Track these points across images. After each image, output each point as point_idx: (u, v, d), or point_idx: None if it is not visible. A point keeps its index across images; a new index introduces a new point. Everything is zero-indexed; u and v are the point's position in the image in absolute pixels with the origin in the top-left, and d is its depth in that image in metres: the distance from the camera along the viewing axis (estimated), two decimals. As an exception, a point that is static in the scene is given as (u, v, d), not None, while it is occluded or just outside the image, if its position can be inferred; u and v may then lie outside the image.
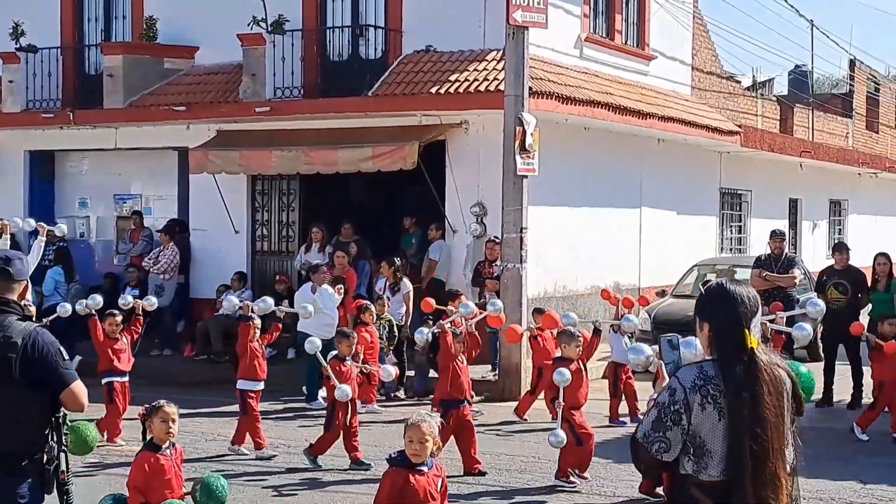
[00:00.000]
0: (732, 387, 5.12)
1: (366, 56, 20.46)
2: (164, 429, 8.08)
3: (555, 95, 18.51)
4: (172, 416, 8.11)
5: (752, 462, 5.09)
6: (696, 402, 5.13)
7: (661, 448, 5.18)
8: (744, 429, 5.09)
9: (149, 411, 8.14)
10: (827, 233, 34.60)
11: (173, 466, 8.14)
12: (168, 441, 8.13)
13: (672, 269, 22.43)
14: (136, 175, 22.88)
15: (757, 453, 5.09)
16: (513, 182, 16.79)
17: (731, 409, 5.11)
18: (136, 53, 21.65)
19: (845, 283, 16.35)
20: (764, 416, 5.11)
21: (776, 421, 5.14)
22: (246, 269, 20.98)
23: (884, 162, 37.94)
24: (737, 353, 5.19)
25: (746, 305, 5.26)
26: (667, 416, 5.17)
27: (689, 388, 5.16)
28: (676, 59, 25.48)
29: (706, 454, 5.14)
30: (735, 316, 5.24)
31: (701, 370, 5.21)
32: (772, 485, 5.12)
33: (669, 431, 5.15)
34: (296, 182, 21.17)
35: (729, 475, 5.11)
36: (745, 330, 5.21)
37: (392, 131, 19.04)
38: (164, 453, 8.10)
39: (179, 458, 8.31)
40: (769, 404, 5.13)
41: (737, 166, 27.33)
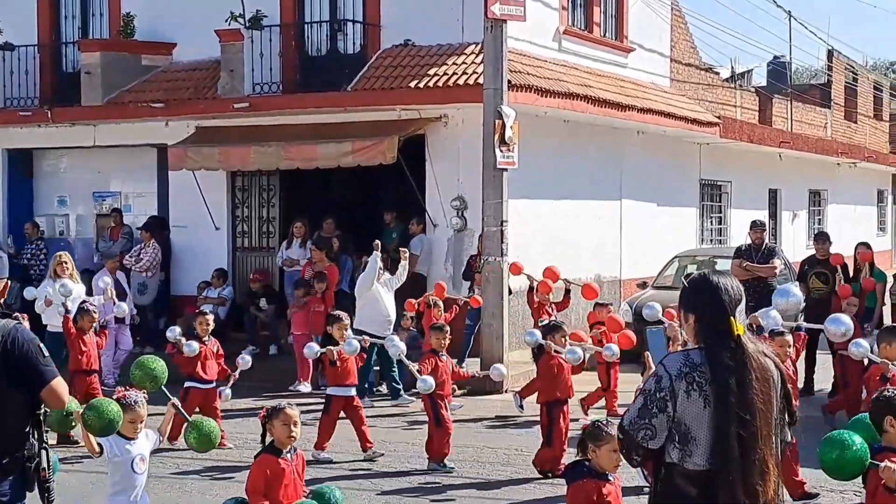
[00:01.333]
0: (719, 373, 5.17)
1: (344, 51, 20.43)
2: (286, 432, 7.73)
3: (534, 88, 18.52)
4: (294, 419, 7.76)
5: (739, 449, 5.12)
6: (682, 389, 5.18)
7: (647, 435, 5.23)
8: (730, 415, 5.13)
9: (270, 413, 7.82)
10: (807, 223, 34.73)
11: (293, 472, 7.75)
12: (290, 445, 7.78)
13: (653, 260, 22.49)
14: (115, 172, 22.80)
15: (745, 439, 5.13)
16: (493, 175, 16.79)
17: (717, 396, 5.15)
18: (113, 50, 21.58)
19: (827, 273, 16.42)
20: (752, 401, 5.15)
21: (764, 408, 5.18)
22: (227, 265, 20.94)
23: (862, 152, 38.09)
24: (723, 341, 5.24)
25: (730, 294, 5.33)
26: (652, 403, 5.21)
27: (675, 375, 5.20)
28: (655, 51, 25.51)
29: (691, 441, 5.18)
30: (719, 304, 5.30)
31: (687, 357, 5.25)
32: (760, 472, 5.16)
33: (655, 419, 5.20)
34: (275, 178, 21.14)
35: (714, 463, 5.15)
36: (730, 317, 5.26)
37: (371, 126, 19.02)
38: (286, 458, 7.73)
39: (300, 464, 7.91)
40: (757, 390, 5.18)
41: (716, 157, 27.39)
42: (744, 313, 5.37)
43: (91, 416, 7.03)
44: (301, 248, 19.52)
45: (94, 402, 7.19)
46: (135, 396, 7.88)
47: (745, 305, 5.41)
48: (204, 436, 7.88)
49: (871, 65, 70.20)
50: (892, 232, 44.86)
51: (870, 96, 44.58)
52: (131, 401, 7.81)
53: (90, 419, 7.04)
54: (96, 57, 21.35)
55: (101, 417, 7.06)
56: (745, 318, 5.39)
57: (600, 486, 6.84)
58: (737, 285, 5.41)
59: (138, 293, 19.92)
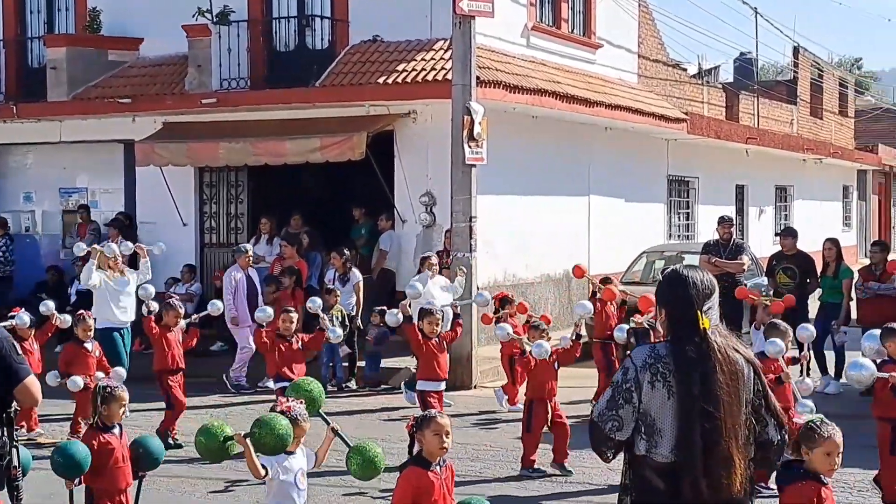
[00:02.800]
0: (682, 365, 5.22)
1: (312, 46, 20.39)
2: (438, 443, 6.98)
3: (502, 84, 18.52)
4: (446, 429, 7.06)
5: (703, 441, 5.16)
6: (646, 380, 5.24)
7: (614, 426, 5.29)
8: (694, 407, 5.17)
9: (419, 423, 7.12)
10: (773, 218, 34.90)
11: (442, 486, 7.06)
12: (440, 457, 7.04)
13: (621, 256, 22.52)
14: (81, 168, 22.67)
15: (709, 431, 5.16)
16: (461, 171, 16.78)
17: (680, 388, 5.21)
18: (79, 45, 21.45)
19: (794, 268, 16.49)
20: (716, 394, 5.19)
21: (729, 400, 5.21)
22: (195, 261, 20.87)
23: (828, 148, 38.30)
24: (689, 333, 5.28)
25: (698, 288, 5.36)
26: (619, 394, 5.29)
27: (640, 366, 5.27)
28: (623, 47, 25.57)
29: (656, 433, 5.23)
30: (686, 297, 5.34)
31: (653, 349, 5.32)
32: (725, 464, 5.18)
33: (621, 409, 5.27)
34: (244, 174, 21.08)
35: (679, 455, 5.19)
36: (696, 311, 5.30)
37: (340, 122, 18.98)
38: (434, 470, 7.00)
39: (450, 477, 7.19)
40: (722, 383, 5.21)
41: (684, 153, 27.48)
42: (716, 307, 5.38)
43: (263, 434, 6.89)
44: (268, 245, 19.48)
45: (263, 419, 7.04)
46: (300, 410, 7.51)
47: (717, 299, 5.40)
48: (367, 461, 7.54)
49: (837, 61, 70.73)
50: (857, 227, 45.13)
51: (835, 93, 44.85)
52: (296, 415, 7.42)
53: (263, 437, 6.90)
54: (62, 52, 21.23)
55: (273, 433, 6.90)
56: (715, 313, 5.39)
57: (819, 489, 6.41)
58: (708, 279, 5.43)
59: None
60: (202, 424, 7.31)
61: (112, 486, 8.00)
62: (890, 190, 52.08)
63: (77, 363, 13.08)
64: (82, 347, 13.25)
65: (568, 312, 21.90)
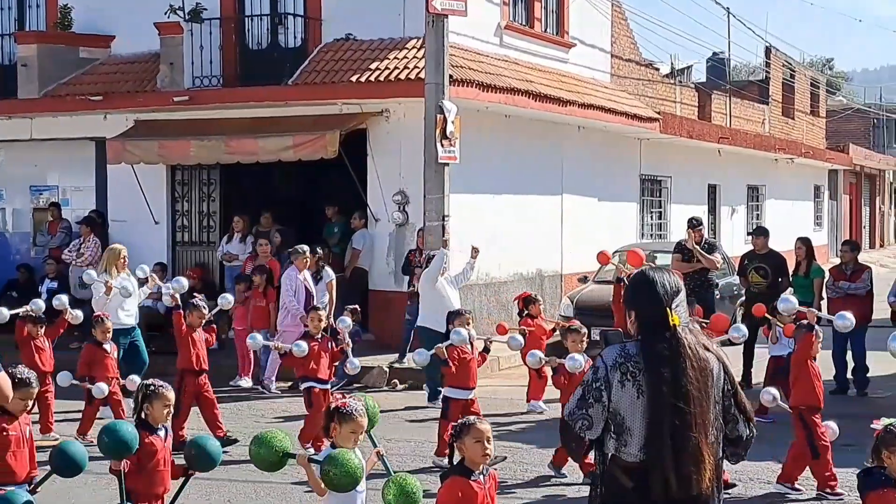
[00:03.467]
0: (652, 363, 5.26)
1: (285, 44, 20.34)
2: (480, 450, 6.73)
3: (475, 83, 18.53)
4: (487, 435, 6.80)
5: (672, 437, 5.19)
6: (616, 378, 5.29)
7: (584, 425, 5.34)
8: (664, 404, 5.21)
9: (458, 430, 6.80)
10: (745, 218, 35.03)
11: (486, 496, 6.76)
12: (482, 465, 6.78)
13: (593, 255, 22.45)
14: (52, 166, 22.55)
15: (679, 428, 5.20)
16: (434, 170, 16.79)
17: (649, 385, 5.24)
18: (50, 43, 21.35)
19: (766, 267, 16.56)
20: (686, 390, 5.23)
21: (699, 395, 5.25)
22: (166, 259, 20.79)
23: (799, 147, 38.48)
24: (659, 332, 5.32)
25: (665, 287, 5.42)
26: (589, 393, 5.34)
27: (611, 365, 5.32)
28: (596, 46, 25.61)
29: (626, 431, 5.27)
30: (654, 296, 5.39)
31: (623, 348, 5.37)
32: (694, 459, 5.22)
33: (591, 408, 5.32)
34: (216, 172, 21.02)
35: (648, 453, 5.22)
36: (665, 308, 5.35)
37: (313, 120, 18.95)
38: (478, 479, 6.70)
39: (493, 485, 6.88)
40: (692, 378, 5.25)
41: (656, 153, 27.55)
42: (684, 306, 5.43)
43: (337, 475, 6.53)
44: (241, 243, 19.43)
45: (336, 456, 6.64)
46: (355, 405, 7.15)
47: (684, 298, 5.45)
48: (405, 494, 6.94)
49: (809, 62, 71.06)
50: (828, 227, 45.35)
51: (807, 93, 45.07)
52: (351, 410, 7.09)
53: (336, 478, 6.54)
54: (33, 49, 21.11)
55: (348, 474, 6.54)
56: (684, 310, 5.46)
57: None
58: (674, 280, 5.50)
59: (79, 287, 19.70)
60: (259, 434, 6.97)
61: (150, 489, 7.59)
62: (861, 190, 52.39)
63: (97, 365, 12.90)
64: (101, 349, 13.09)
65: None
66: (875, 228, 55.52)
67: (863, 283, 16.18)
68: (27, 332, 13.33)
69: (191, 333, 12.79)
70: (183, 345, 12.77)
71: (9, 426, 7.54)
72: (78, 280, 19.75)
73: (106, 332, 13.18)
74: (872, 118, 59.19)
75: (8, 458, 7.50)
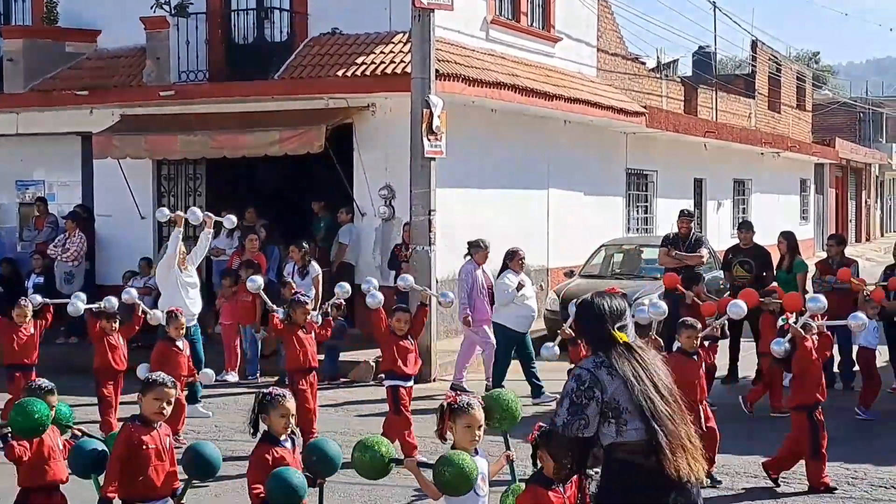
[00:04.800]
0: (621, 364, 5.55)
1: (272, 39, 20.33)
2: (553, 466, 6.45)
3: (461, 77, 18.54)
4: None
5: (664, 423, 5.46)
6: (604, 374, 5.52)
7: (581, 425, 5.50)
8: (647, 387, 5.49)
9: (542, 437, 6.55)
10: (731, 212, 35.08)
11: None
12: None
13: (580, 249, 22.61)
14: (38, 161, 22.51)
15: (668, 413, 5.51)
16: (420, 164, 16.79)
17: (629, 380, 5.50)
18: (36, 37, 21.31)
19: (750, 262, 16.59)
20: (660, 382, 5.56)
21: (672, 387, 5.61)
22: (152, 255, 20.76)
23: (785, 141, 38.54)
24: (612, 348, 5.60)
25: (607, 309, 5.69)
26: (579, 397, 5.52)
27: (593, 367, 5.57)
28: (582, 40, 25.64)
29: (624, 411, 5.48)
30: (598, 318, 5.69)
31: (596, 356, 5.62)
32: (689, 444, 5.52)
33: (588, 409, 5.50)
34: (202, 167, 21.00)
35: (649, 431, 5.44)
36: (608, 327, 5.63)
37: (299, 115, 18.94)
38: (557, 489, 6.41)
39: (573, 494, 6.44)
40: (662, 374, 5.61)
41: (642, 147, 27.59)
42: (630, 326, 5.70)
43: (451, 474, 6.26)
44: (228, 238, 19.41)
45: (449, 456, 6.34)
46: (466, 398, 6.72)
47: (630, 320, 5.75)
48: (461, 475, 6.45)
49: (795, 55, 71.18)
50: (814, 221, 45.45)
51: (793, 87, 45.14)
52: (463, 403, 6.65)
53: (450, 478, 6.27)
54: (19, 44, 21.07)
55: (462, 474, 6.24)
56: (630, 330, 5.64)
57: None
58: (617, 303, 5.75)
59: (65, 282, 19.74)
60: (363, 440, 6.72)
61: None
62: (847, 184, 52.50)
63: (169, 363, 12.07)
64: (174, 346, 12.62)
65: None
66: (861, 222, 55.67)
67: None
68: (100, 328, 12.90)
69: (295, 331, 12.21)
70: (288, 344, 12.30)
71: (147, 439, 7.12)
72: (63, 275, 19.77)
73: (179, 329, 12.67)
74: (858, 112, 59.33)
75: (150, 472, 7.11)
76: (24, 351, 13.16)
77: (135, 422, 7.18)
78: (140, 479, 7.07)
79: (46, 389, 7.65)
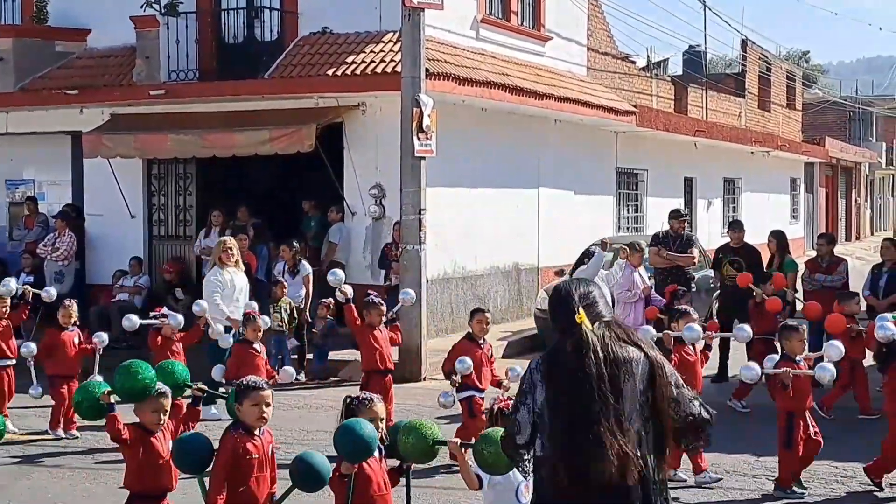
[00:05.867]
0: (555, 358, 5.28)
1: (262, 38, 20.32)
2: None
3: (451, 77, 18.55)
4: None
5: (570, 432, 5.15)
6: (538, 379, 5.30)
7: (515, 430, 5.34)
8: (562, 400, 5.20)
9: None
10: (721, 211, 35.13)
11: None
12: None
13: (570, 248, 22.58)
14: (28, 160, 22.49)
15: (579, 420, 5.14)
16: (411, 164, 16.80)
17: (552, 382, 5.25)
18: (26, 37, 21.29)
19: (740, 261, 16.61)
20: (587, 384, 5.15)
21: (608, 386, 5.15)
22: (143, 254, 20.77)
23: (775, 140, 38.60)
24: (569, 330, 5.30)
25: (571, 292, 5.42)
26: (518, 398, 5.38)
27: (534, 367, 5.36)
28: (572, 39, 25.66)
29: (545, 428, 5.27)
30: (562, 301, 5.41)
31: (545, 351, 5.42)
32: (592, 454, 5.10)
33: (518, 413, 5.34)
34: (192, 166, 20.98)
35: (546, 445, 5.25)
36: (572, 307, 5.33)
37: (289, 114, 18.94)
38: None
39: None
40: (596, 373, 5.17)
41: (632, 146, 27.62)
42: (597, 308, 5.38)
43: (492, 453, 6.16)
44: (219, 237, 19.39)
45: (490, 434, 6.30)
46: None
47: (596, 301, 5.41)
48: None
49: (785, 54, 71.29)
50: (804, 220, 45.53)
51: (783, 85, 45.20)
52: None
53: (492, 456, 6.19)
54: (9, 43, 21.05)
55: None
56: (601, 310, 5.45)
57: None
58: (584, 287, 5.49)
59: (55, 282, 19.70)
60: (408, 422, 6.71)
61: None
62: (837, 183, 52.61)
63: (247, 365, 11.88)
64: (251, 348, 12.41)
65: (517, 304, 22.03)
66: (851, 221, 55.80)
67: (839, 275, 16.24)
68: (162, 337, 12.88)
69: (371, 332, 12.25)
70: (364, 344, 12.26)
71: (252, 448, 6.92)
72: (53, 275, 19.75)
73: (257, 331, 12.48)
74: (848, 111, 59.43)
75: (251, 483, 6.94)
76: (71, 360, 12.97)
77: (237, 429, 6.96)
78: (241, 489, 6.90)
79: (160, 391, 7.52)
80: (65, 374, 12.92)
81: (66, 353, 12.99)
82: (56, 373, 12.94)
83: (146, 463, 7.53)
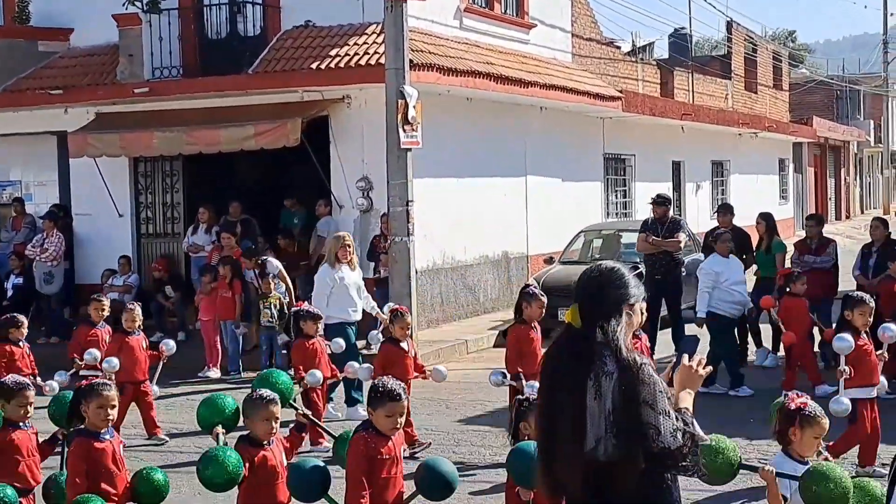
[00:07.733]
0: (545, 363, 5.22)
1: (244, 33, 20.26)
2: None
3: (436, 67, 18.52)
4: None
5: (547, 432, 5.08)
6: None
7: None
8: (541, 411, 5.17)
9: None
10: (710, 194, 35.12)
11: None
12: None
13: (559, 235, 22.60)
14: (14, 161, 22.44)
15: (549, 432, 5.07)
16: (397, 155, 16.78)
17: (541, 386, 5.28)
18: (9, 37, 21.26)
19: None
20: (554, 386, 5.05)
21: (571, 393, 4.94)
22: (131, 252, 20.73)
23: (763, 121, 38.60)
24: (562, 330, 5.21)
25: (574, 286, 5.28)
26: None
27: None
28: (556, 26, 25.63)
29: None
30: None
31: None
32: (563, 456, 4.98)
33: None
34: (178, 163, 20.95)
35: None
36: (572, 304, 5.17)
37: (274, 108, 18.91)
38: None
39: None
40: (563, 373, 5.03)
41: (619, 131, 27.59)
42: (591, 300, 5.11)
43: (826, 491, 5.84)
44: (207, 234, 19.39)
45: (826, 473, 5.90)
46: (815, 404, 6.37)
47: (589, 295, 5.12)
48: None
49: (770, 35, 71.28)
50: (793, 200, 45.54)
51: (769, 66, 45.21)
52: (815, 411, 6.30)
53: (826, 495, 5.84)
54: (-9, 43, 21.00)
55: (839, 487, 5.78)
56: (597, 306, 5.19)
57: None
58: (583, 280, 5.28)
59: (44, 283, 19.71)
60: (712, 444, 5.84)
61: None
62: (825, 162, 52.61)
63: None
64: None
65: (507, 293, 22.00)
66: (841, 200, 55.81)
67: (828, 256, 16.21)
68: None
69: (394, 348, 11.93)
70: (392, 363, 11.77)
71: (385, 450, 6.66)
72: (42, 276, 19.71)
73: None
74: (835, 90, 59.45)
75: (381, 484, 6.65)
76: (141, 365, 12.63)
77: (368, 430, 6.65)
78: (371, 490, 6.62)
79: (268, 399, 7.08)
80: (135, 381, 12.45)
81: (136, 358, 12.51)
82: (126, 380, 12.20)
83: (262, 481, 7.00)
